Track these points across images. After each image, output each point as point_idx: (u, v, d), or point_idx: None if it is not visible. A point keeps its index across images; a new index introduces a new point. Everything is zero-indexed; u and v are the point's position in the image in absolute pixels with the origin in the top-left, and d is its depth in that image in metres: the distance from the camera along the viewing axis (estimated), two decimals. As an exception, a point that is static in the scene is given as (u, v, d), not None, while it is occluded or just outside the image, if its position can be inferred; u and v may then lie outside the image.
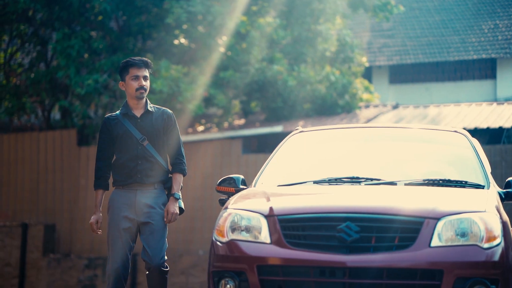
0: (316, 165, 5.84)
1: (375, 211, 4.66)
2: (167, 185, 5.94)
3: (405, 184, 5.27)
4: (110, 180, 6.05)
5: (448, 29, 20.38)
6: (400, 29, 20.92)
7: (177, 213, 5.83)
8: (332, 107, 15.09)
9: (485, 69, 19.41)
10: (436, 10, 21.36)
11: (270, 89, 14.57)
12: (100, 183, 5.98)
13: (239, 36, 14.83)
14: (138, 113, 5.95)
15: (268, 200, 4.96)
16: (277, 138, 13.14)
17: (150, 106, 5.98)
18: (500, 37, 19.47)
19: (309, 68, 15.46)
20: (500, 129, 12.90)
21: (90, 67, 14.75)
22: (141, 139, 5.85)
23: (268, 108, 14.99)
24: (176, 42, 14.82)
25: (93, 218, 5.93)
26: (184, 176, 5.97)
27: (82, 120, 15.11)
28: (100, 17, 14.90)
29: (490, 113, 13.86)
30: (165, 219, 5.82)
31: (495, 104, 14.95)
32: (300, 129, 6.26)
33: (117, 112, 6.06)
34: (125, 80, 5.92)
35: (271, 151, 12.91)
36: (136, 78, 5.87)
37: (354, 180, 5.30)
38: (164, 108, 6.06)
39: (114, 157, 6.02)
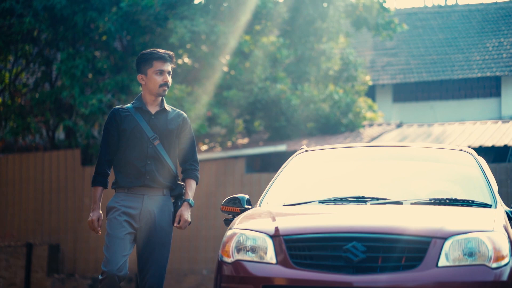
0: (322, 185, 5.82)
1: (381, 231, 4.63)
2: (174, 193, 5.49)
3: (411, 204, 5.24)
4: (110, 180, 5.56)
5: (452, 47, 20.40)
6: (404, 47, 20.95)
7: (189, 221, 5.40)
8: (336, 126, 15.08)
9: (490, 87, 19.42)
10: (440, 28, 21.40)
11: (274, 108, 14.58)
12: (100, 179, 5.41)
13: (242, 55, 14.86)
14: (153, 109, 5.46)
15: (274, 220, 4.93)
16: (281, 157, 13.14)
17: (166, 105, 5.52)
18: (504, 55, 19.48)
19: (313, 87, 15.48)
20: (506, 147, 12.87)
21: (94, 87, 14.79)
22: (153, 138, 5.37)
23: (272, 127, 14.99)
24: (179, 61, 14.86)
25: (93, 215, 5.34)
26: (196, 184, 5.58)
27: (86, 140, 15.13)
28: (104, 37, 14.96)
29: (495, 131, 13.84)
30: (175, 224, 5.39)
31: (500, 122, 14.93)
32: (305, 148, 6.23)
33: (128, 104, 5.53)
34: (146, 73, 5.40)
35: (275, 170, 12.92)
36: (161, 73, 5.38)
37: (360, 200, 5.27)
38: (179, 110, 5.60)
39: (117, 155, 5.47)
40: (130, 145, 5.39)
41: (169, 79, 5.44)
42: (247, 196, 5.67)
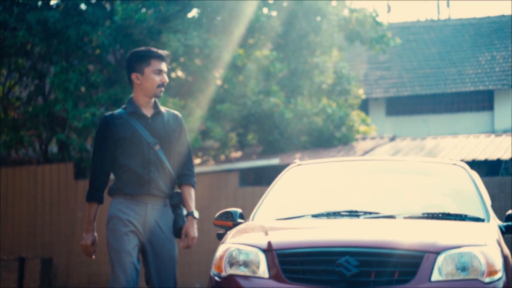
0: (314, 199, 5.80)
1: (374, 245, 4.62)
2: (172, 202, 5.18)
3: (404, 218, 5.23)
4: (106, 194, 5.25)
5: (445, 61, 20.46)
6: (397, 61, 21.00)
7: (197, 237, 5.12)
8: (329, 139, 15.09)
9: (483, 101, 19.48)
10: (433, 42, 21.47)
11: (267, 121, 14.59)
12: (95, 195, 5.11)
13: (236, 68, 14.88)
14: (148, 112, 5.15)
15: (267, 234, 4.92)
16: (274, 171, 13.13)
17: (161, 106, 5.22)
18: (497, 69, 19.54)
19: (306, 101, 15.50)
20: (498, 161, 12.89)
21: (87, 100, 14.79)
22: (153, 143, 5.06)
23: (265, 141, 15.00)
24: (173, 75, 14.87)
25: (87, 239, 5.06)
26: (194, 190, 5.26)
27: (79, 154, 15.11)
28: (97, 51, 14.96)
29: (488, 145, 13.87)
30: (182, 243, 5.08)
31: (493, 136, 14.96)
32: (298, 162, 6.22)
33: (119, 110, 5.18)
34: (143, 72, 5.08)
35: (268, 184, 12.91)
36: (159, 72, 5.08)
37: (353, 214, 5.27)
38: (173, 111, 5.29)
39: (114, 163, 5.14)
40: (128, 153, 5.07)
41: (167, 79, 5.17)
42: (240, 210, 5.64)
